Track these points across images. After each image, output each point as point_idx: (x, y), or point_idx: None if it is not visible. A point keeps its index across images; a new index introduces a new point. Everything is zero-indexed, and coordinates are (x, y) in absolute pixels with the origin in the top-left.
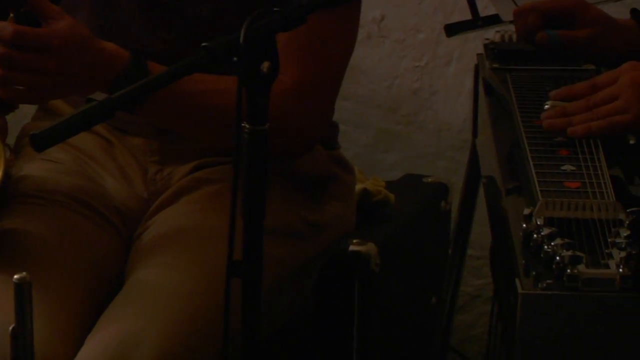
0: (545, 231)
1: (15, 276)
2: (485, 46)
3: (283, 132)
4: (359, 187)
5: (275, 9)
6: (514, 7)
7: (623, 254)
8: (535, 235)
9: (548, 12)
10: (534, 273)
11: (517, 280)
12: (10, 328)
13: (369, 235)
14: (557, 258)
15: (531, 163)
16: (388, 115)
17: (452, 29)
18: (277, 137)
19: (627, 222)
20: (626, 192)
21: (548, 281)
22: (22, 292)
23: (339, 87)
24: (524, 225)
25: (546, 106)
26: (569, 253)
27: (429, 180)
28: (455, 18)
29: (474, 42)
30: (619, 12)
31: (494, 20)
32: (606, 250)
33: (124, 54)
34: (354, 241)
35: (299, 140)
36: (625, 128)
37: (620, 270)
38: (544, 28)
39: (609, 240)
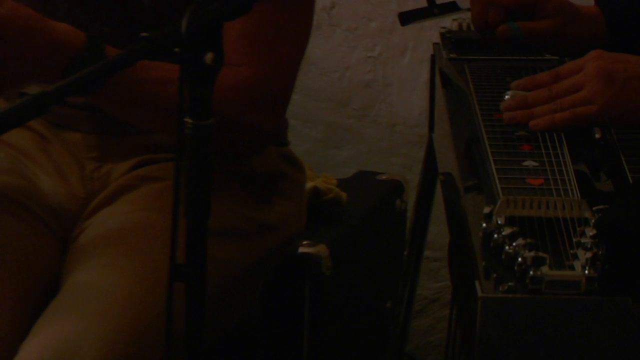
0: (507, 231)
1: None
2: (442, 35)
3: (238, 127)
4: (309, 185)
5: None
6: None
7: (589, 254)
8: (495, 235)
9: (509, 4)
10: (494, 275)
11: (477, 283)
12: None
13: (320, 236)
14: (519, 259)
15: (491, 159)
16: (339, 109)
17: (406, 17)
18: (232, 133)
19: (593, 221)
20: (592, 189)
21: (510, 284)
22: None
23: (295, 80)
24: (484, 224)
25: (506, 97)
26: (532, 254)
27: (383, 177)
28: (410, 5)
29: (430, 31)
30: None
31: (451, 7)
32: (571, 251)
33: (79, 35)
34: (304, 242)
35: (255, 137)
36: (590, 120)
37: (586, 271)
38: (505, 20)
39: (574, 240)
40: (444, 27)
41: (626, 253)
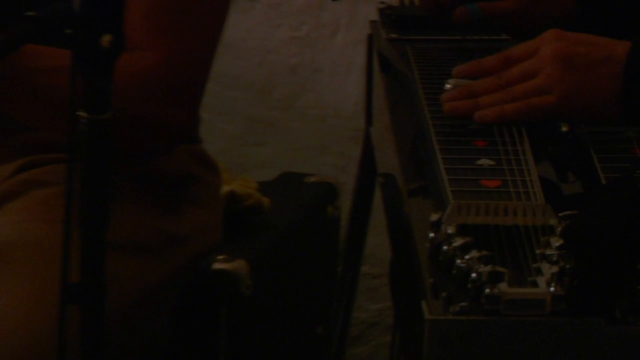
0: (458, 241)
1: None
2: (381, 11)
3: (142, 122)
4: (225, 190)
5: None
6: None
7: (555, 268)
8: (445, 247)
9: None
10: (444, 294)
11: (423, 304)
12: None
13: (238, 250)
14: (473, 275)
15: (439, 157)
16: (260, 100)
17: None
18: (135, 129)
19: (559, 229)
20: (558, 192)
21: (462, 304)
22: None
23: (211, 66)
24: (432, 234)
25: (447, 86)
26: (488, 268)
27: (312, 179)
28: None
29: (367, 7)
30: None
31: None
32: (534, 265)
33: None
34: (220, 257)
35: (162, 133)
36: (547, 112)
37: (552, 289)
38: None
39: (537, 252)
40: (382, 2)
41: (598, 266)
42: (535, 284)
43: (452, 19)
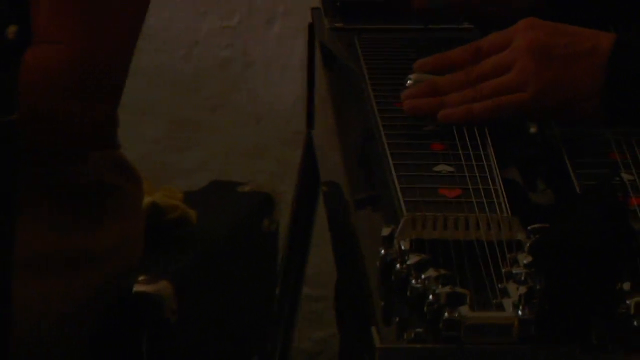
0: (413, 259)
1: None
2: None
3: (55, 122)
4: (146, 201)
5: None
6: None
7: (523, 289)
8: (398, 266)
9: None
10: (397, 319)
11: (373, 330)
12: None
13: (162, 269)
14: (430, 297)
15: (391, 163)
16: (185, 98)
17: None
18: (44, 131)
19: (527, 245)
20: (526, 203)
21: (417, 330)
22: None
23: (130, 60)
24: (382, 251)
25: (409, 81)
26: (447, 290)
27: (246, 189)
28: None
29: None
30: None
31: None
32: (499, 285)
33: None
34: (141, 278)
35: (74, 136)
36: (519, 110)
37: (520, 312)
38: None
39: (503, 270)
40: None
41: (572, 287)
42: (500, 307)
43: (408, 5)
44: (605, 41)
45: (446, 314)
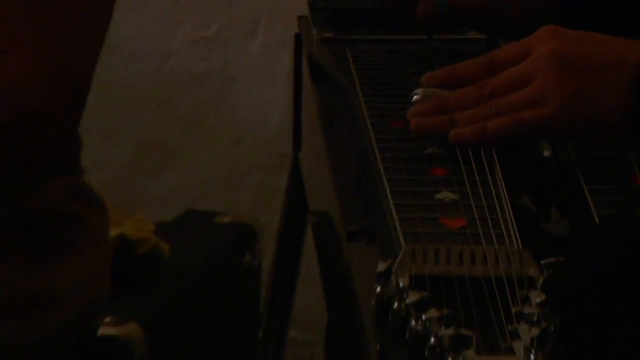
0: (412, 297)
1: None
2: (311, 4)
3: (7, 143)
4: (113, 233)
5: None
6: None
7: (535, 331)
8: (396, 304)
9: None
10: None
11: None
12: None
13: (131, 309)
14: (432, 339)
15: (388, 190)
16: (157, 117)
17: None
18: None
19: (540, 281)
20: (539, 234)
21: None
22: None
23: (93, 73)
24: (378, 288)
25: (415, 96)
26: (450, 332)
27: (225, 219)
28: None
29: None
30: None
31: None
32: (509, 327)
33: None
34: (107, 320)
35: (33, 158)
36: (539, 128)
37: (532, 356)
38: None
39: (513, 310)
40: None
41: (589, 327)
42: (511, 351)
43: (407, 12)
44: (634, 51)
45: (450, 359)
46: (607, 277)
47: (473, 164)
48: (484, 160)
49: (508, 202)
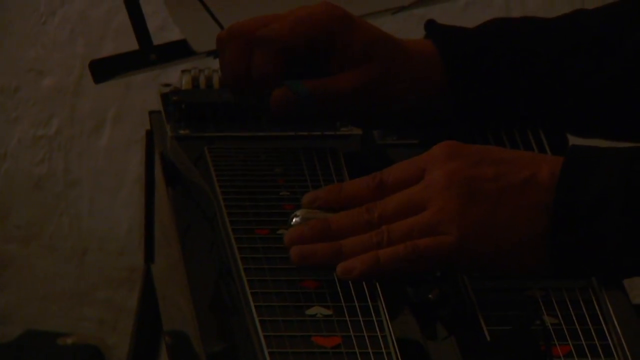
0: None
1: None
2: (165, 98)
3: None
4: None
5: None
6: (219, 30)
7: None
8: None
9: (288, 43)
10: None
11: None
12: None
13: None
14: None
15: (252, 305)
16: None
17: (102, 70)
18: None
19: None
20: (422, 354)
21: None
22: None
23: None
24: None
25: (295, 219)
26: None
27: (68, 341)
28: (108, 49)
29: (144, 92)
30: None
31: (179, 51)
32: None
33: None
34: None
35: None
36: (442, 258)
37: None
38: (281, 73)
39: None
40: (167, 84)
41: None
42: None
43: (267, 105)
44: (546, 169)
45: None
46: None
47: (356, 300)
48: (368, 296)
49: (387, 317)
